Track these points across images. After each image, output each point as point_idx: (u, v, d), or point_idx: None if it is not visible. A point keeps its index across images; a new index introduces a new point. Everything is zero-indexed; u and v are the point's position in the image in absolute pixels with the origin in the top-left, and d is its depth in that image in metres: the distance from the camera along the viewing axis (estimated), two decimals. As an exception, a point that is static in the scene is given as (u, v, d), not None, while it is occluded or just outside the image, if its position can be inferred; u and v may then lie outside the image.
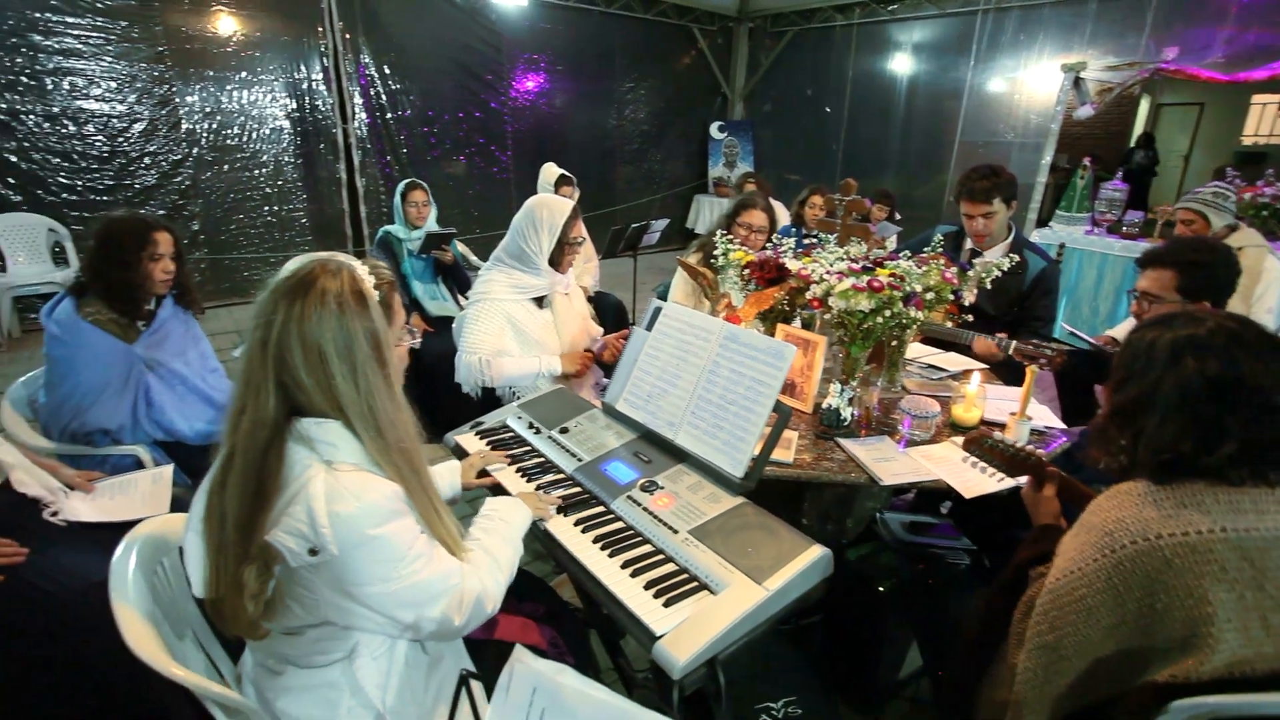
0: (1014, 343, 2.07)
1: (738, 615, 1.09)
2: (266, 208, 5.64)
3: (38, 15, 4.39)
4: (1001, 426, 1.79)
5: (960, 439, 1.72)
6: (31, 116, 4.51)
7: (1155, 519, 0.94)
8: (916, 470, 1.58)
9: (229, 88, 5.23)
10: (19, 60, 4.39)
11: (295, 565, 0.89)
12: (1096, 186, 5.18)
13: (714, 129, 8.24)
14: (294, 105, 5.55)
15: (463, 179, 6.62)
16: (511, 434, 1.69)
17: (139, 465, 2.03)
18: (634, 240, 3.94)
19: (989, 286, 1.90)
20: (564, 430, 1.64)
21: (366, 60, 5.73)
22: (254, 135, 5.44)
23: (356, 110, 5.77)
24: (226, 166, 5.37)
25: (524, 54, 6.72)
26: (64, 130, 4.64)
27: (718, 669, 1.14)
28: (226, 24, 5.14)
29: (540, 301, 2.24)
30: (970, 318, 1.95)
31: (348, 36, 5.57)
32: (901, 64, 6.90)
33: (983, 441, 1.37)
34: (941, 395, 1.95)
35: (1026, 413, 1.70)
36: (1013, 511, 1.77)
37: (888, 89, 7.05)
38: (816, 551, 1.23)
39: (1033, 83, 5.77)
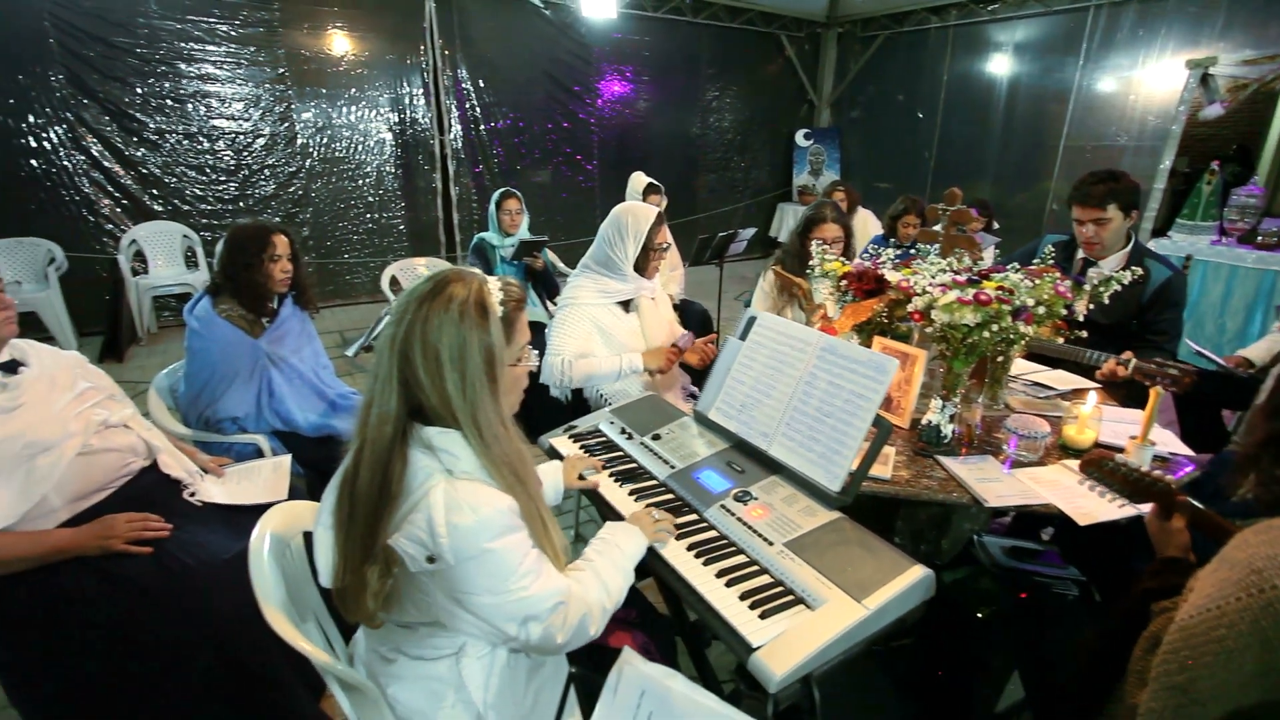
0: (1135, 361, 1.93)
1: (836, 632, 1.08)
2: (368, 215, 6.00)
3: (183, 45, 4.87)
4: (1119, 451, 1.67)
5: (1073, 461, 1.63)
6: (174, 135, 5.00)
7: None
8: (1024, 493, 1.50)
9: (339, 104, 5.61)
10: (166, 85, 4.89)
11: (414, 570, 0.94)
12: (1226, 192, 4.75)
13: (799, 136, 8.12)
14: (396, 119, 5.88)
15: (549, 187, 6.82)
16: (604, 439, 1.73)
17: (259, 453, 2.21)
18: (721, 249, 3.94)
19: (1106, 301, 1.78)
20: (656, 437, 1.66)
21: (463, 75, 6.01)
22: (359, 148, 5.80)
23: (452, 123, 6.05)
24: (334, 177, 5.76)
25: (611, 65, 6.86)
26: (200, 146, 5.12)
27: (813, 686, 1.12)
28: (339, 45, 5.52)
29: (626, 306, 2.28)
30: (1084, 333, 1.83)
31: (446, 53, 5.86)
32: (1001, 65, 6.58)
33: (1103, 464, 1.28)
34: (1050, 415, 1.84)
35: (1149, 437, 1.59)
36: (1132, 542, 1.66)
37: (985, 92, 6.73)
38: (918, 572, 1.19)
39: (1151, 81, 5.36)
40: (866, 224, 4.53)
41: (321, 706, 1.75)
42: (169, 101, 4.92)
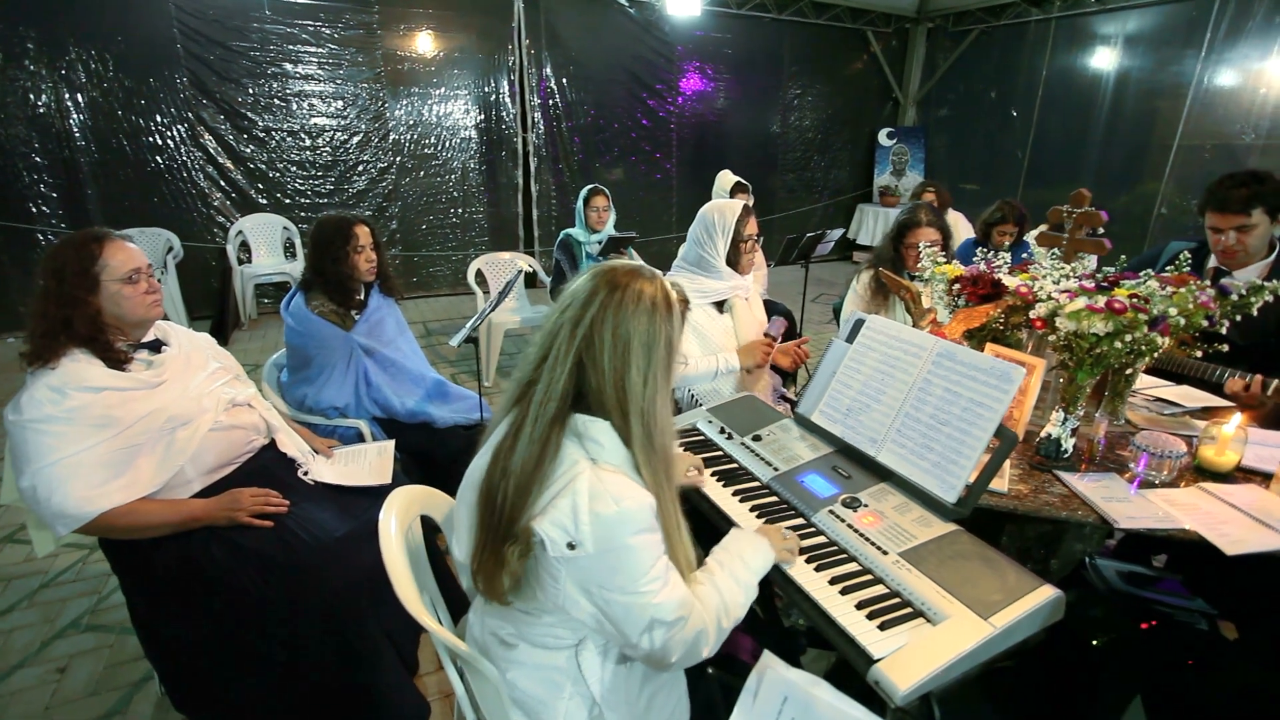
0: (1276, 382, 1.77)
1: (963, 650, 1.03)
2: (452, 210, 6.20)
3: (291, 47, 5.17)
4: (1266, 477, 1.54)
5: (1213, 485, 1.51)
6: (279, 132, 5.31)
7: None
8: (1158, 515, 1.40)
9: (430, 103, 5.82)
10: (274, 85, 5.20)
11: (554, 555, 0.94)
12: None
13: (882, 135, 7.88)
14: (482, 116, 6.05)
15: (627, 184, 6.87)
16: (702, 438, 1.72)
17: (360, 437, 2.31)
18: (808, 250, 3.87)
19: (1255, 313, 1.64)
20: (757, 438, 1.64)
21: (548, 73, 6.12)
22: (447, 145, 6.00)
23: (536, 120, 6.17)
24: (422, 173, 5.98)
25: (694, 63, 6.84)
26: (302, 143, 5.42)
27: (933, 704, 1.08)
28: (432, 46, 5.72)
29: (720, 306, 2.25)
30: (1224, 347, 1.69)
31: (532, 52, 5.98)
32: (1107, 60, 6.17)
33: None
34: (1182, 434, 1.71)
35: (1305, 463, 1.45)
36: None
37: (1088, 89, 6.33)
38: (1048, 592, 1.13)
39: (1285, 75, 4.93)
40: (957, 226, 4.34)
41: (415, 683, 1.82)
42: (276, 101, 5.23)
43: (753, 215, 2.21)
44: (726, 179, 4.04)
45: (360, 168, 5.70)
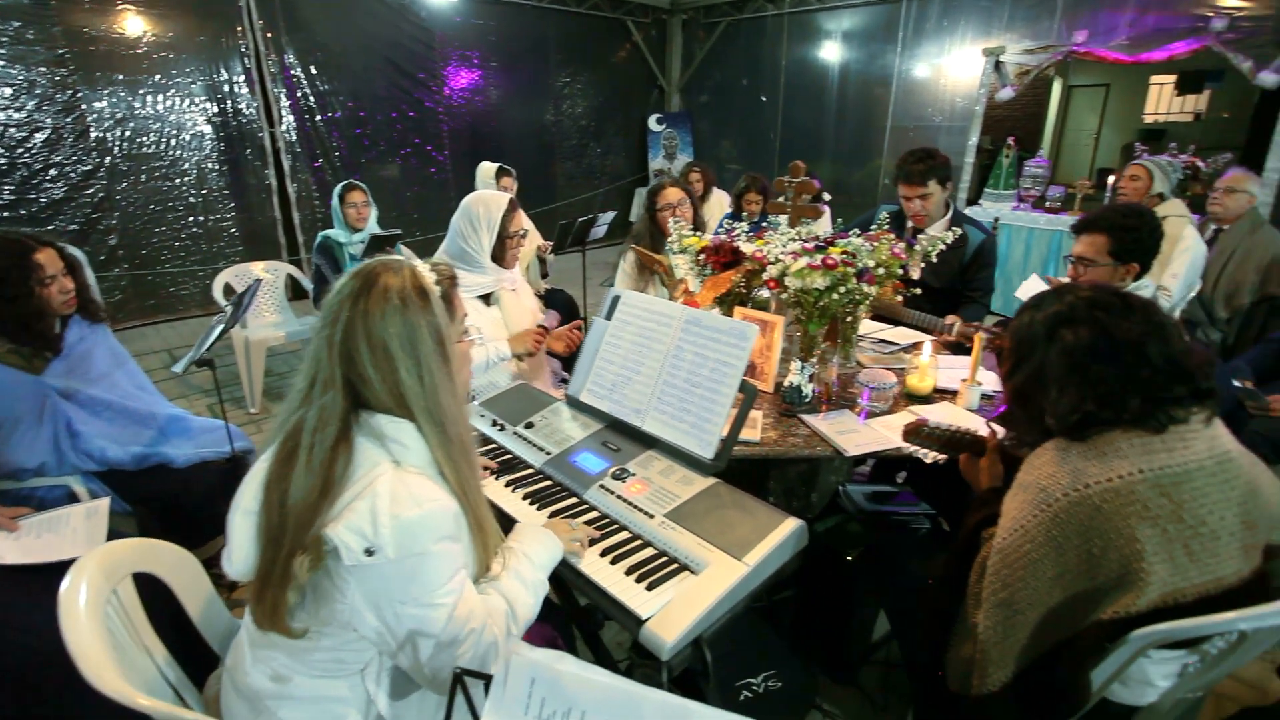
0: (956, 325, 2.16)
1: (721, 592, 1.11)
2: (191, 218, 5.36)
3: (-82, 19, 4.05)
4: (954, 394, 1.86)
5: (919, 407, 1.79)
6: (-81, 129, 4.17)
7: (1082, 469, 1.00)
8: (878, 440, 1.62)
9: (141, 92, 4.94)
10: (-100, 68, 4.05)
11: (349, 564, 0.86)
12: (1020, 165, 5.44)
13: (652, 121, 8.26)
14: (215, 109, 5.28)
15: (399, 180, 6.45)
16: (475, 433, 1.66)
17: (72, 497, 1.90)
18: (581, 234, 3.92)
19: (934, 260, 1.97)
20: (529, 425, 1.62)
21: (291, 60, 5.50)
22: (173, 142, 5.15)
23: (283, 113, 5.53)
24: (144, 176, 5.07)
25: (457, 51, 6.58)
26: (-43, 143, 4.30)
27: (704, 647, 1.15)
28: (134, 24, 4.84)
29: (487, 299, 2.19)
30: (918, 291, 2.01)
31: (269, 35, 5.33)
32: (832, 52, 7.05)
33: (920, 430, 1.43)
34: (896, 367, 2.01)
35: (976, 378, 1.78)
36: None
37: (820, 77, 7.19)
38: (791, 524, 1.25)
39: (956, 68, 5.98)
40: (722, 203, 4.70)
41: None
42: (-93, 90, 4.09)
43: (519, 210, 2.17)
44: (487, 169, 3.94)
45: (53, 172, 4.68)
